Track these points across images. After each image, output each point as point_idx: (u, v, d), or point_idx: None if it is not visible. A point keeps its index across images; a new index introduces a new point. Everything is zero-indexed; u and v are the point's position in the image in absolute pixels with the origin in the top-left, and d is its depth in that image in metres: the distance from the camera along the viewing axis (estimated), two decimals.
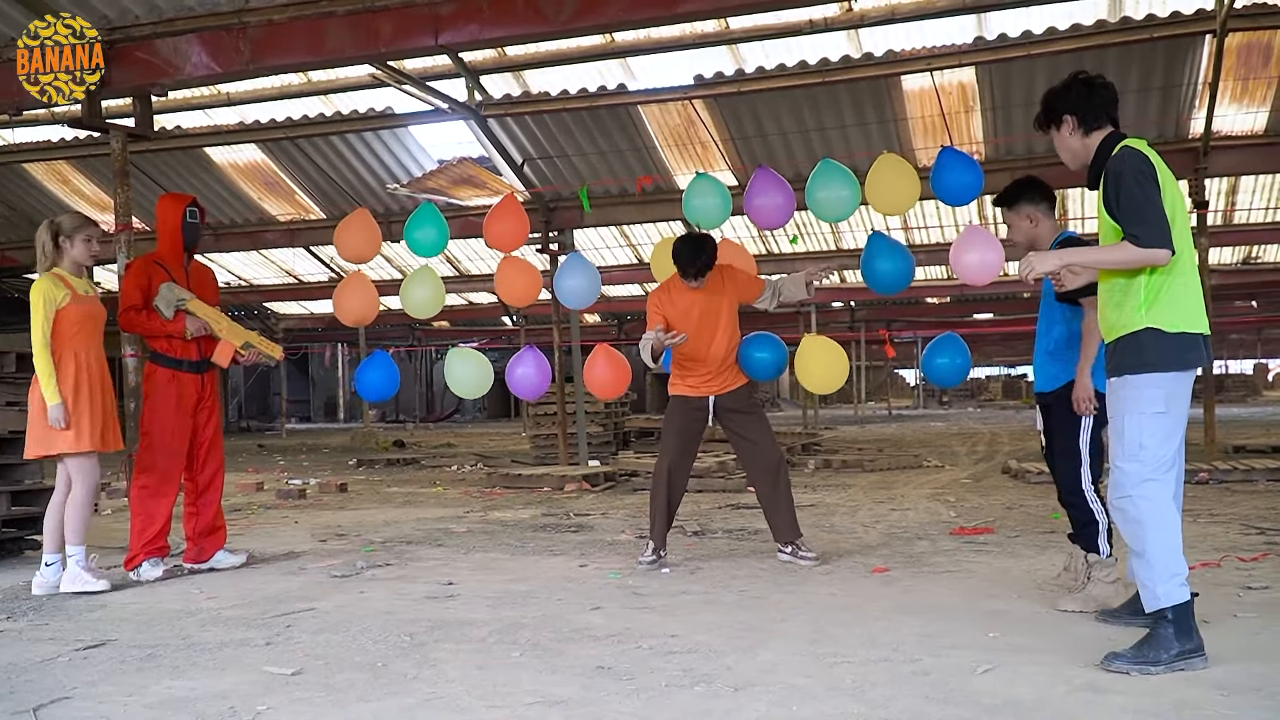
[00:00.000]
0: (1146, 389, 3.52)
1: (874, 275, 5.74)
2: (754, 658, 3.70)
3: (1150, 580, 3.47)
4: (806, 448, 14.10)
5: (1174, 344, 3.51)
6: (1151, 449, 3.51)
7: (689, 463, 5.87)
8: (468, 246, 17.62)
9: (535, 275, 6.56)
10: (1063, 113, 3.79)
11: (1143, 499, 3.50)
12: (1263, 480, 9.06)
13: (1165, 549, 3.47)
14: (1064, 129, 3.81)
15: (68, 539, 5.24)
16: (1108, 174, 3.61)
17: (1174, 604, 3.42)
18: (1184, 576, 3.47)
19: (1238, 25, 9.27)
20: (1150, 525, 3.48)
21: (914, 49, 10.04)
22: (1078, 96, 3.76)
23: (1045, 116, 3.87)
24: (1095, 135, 3.75)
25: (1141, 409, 3.52)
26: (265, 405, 36.11)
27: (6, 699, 3.42)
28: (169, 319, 5.62)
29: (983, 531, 6.65)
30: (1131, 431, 3.54)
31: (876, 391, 45.10)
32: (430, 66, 10.89)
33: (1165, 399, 3.52)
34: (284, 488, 10.34)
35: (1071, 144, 3.82)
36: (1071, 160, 3.88)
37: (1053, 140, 3.90)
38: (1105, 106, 3.75)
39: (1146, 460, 3.51)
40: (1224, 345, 39.28)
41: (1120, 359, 3.60)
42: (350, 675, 3.60)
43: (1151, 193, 3.49)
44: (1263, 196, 14.40)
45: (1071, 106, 3.77)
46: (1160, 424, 3.52)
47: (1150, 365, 3.51)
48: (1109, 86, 3.78)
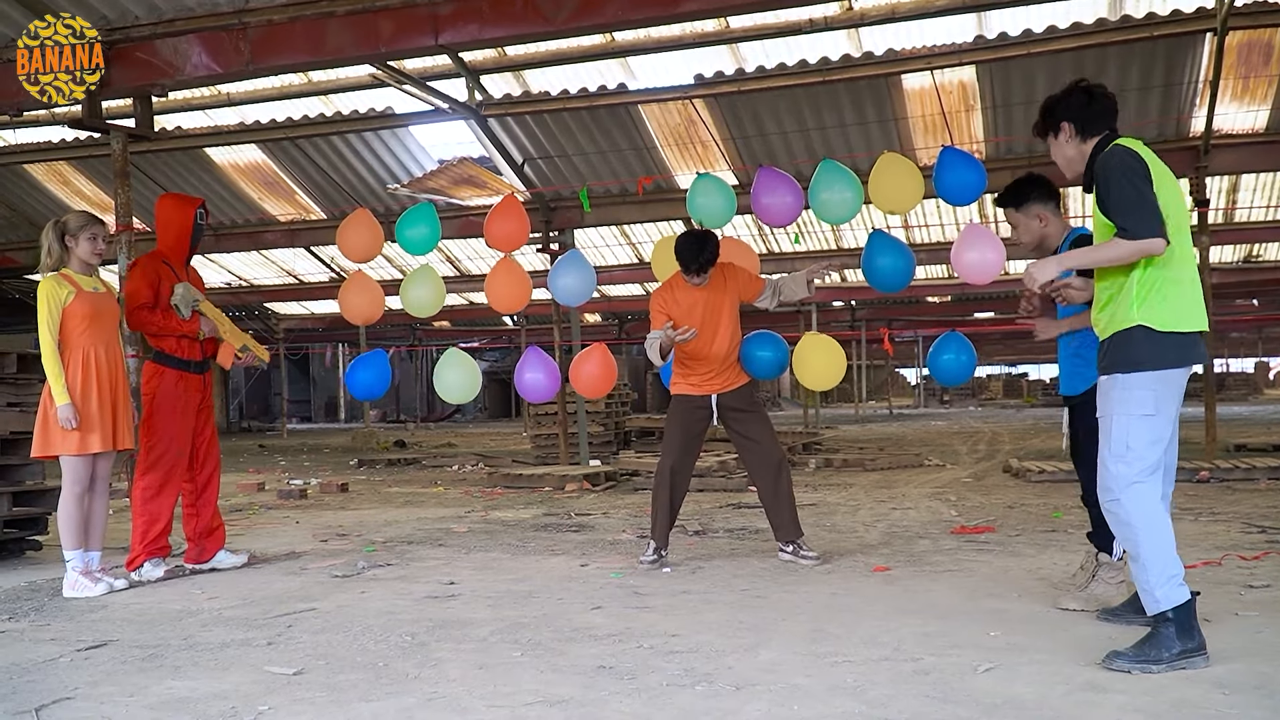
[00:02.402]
0: (1136, 390, 3.52)
1: (875, 272, 5.74)
2: (755, 657, 3.70)
3: (1148, 583, 3.47)
4: (807, 447, 14.10)
5: (1165, 342, 3.50)
6: (1138, 451, 3.51)
7: (692, 462, 5.87)
8: (468, 246, 17.62)
9: (525, 282, 6.56)
10: (1061, 120, 3.79)
11: (1130, 502, 3.50)
12: (1264, 479, 9.05)
13: (1158, 550, 3.46)
14: (1061, 136, 3.81)
15: (62, 543, 5.23)
16: (1097, 172, 3.61)
17: (1174, 605, 3.42)
18: (1181, 576, 3.46)
19: (1238, 23, 9.28)
20: (1140, 527, 3.48)
21: (914, 48, 10.04)
22: (1077, 104, 3.76)
23: (1044, 123, 3.87)
24: (1091, 143, 3.75)
25: (1129, 410, 3.52)
26: (266, 405, 36.14)
27: (8, 699, 3.42)
28: (186, 319, 5.63)
29: (984, 530, 6.65)
30: (1119, 432, 3.54)
31: (877, 391, 45.08)
32: (430, 66, 10.89)
33: (1155, 401, 3.52)
34: (285, 488, 10.35)
35: (1068, 151, 3.82)
36: (1067, 167, 3.88)
37: (1049, 147, 3.90)
38: (1104, 116, 3.75)
39: (1133, 462, 3.51)
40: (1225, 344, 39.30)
41: (1112, 356, 3.60)
42: (351, 675, 3.60)
43: (1140, 185, 3.48)
44: (1263, 195, 14.39)
45: (1070, 114, 3.77)
46: (1148, 426, 3.51)
47: (1140, 363, 3.51)
48: (1109, 96, 3.77)
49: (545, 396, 6.58)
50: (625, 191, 13.17)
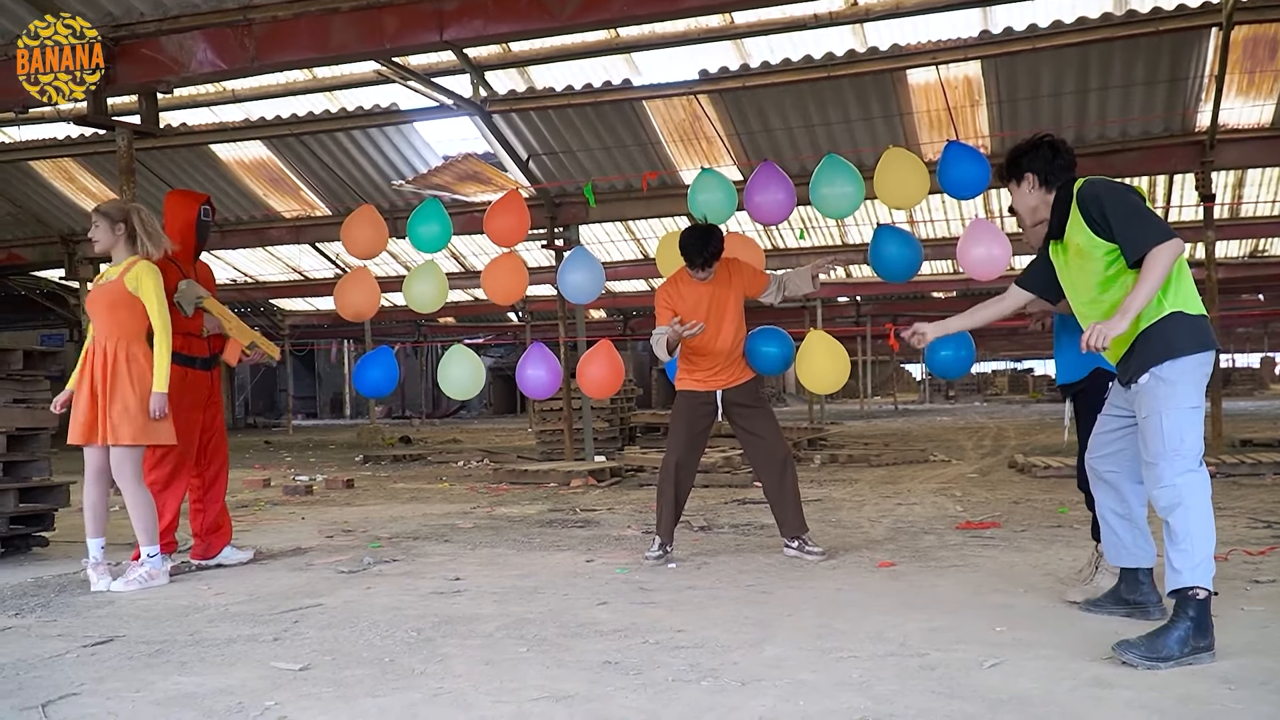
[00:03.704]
0: (1180, 384, 3.56)
1: (882, 262, 5.74)
2: (760, 652, 3.71)
3: (1180, 563, 3.48)
4: (813, 443, 14.10)
5: (1200, 324, 3.62)
6: (1190, 442, 3.56)
7: (697, 457, 5.87)
8: (472, 242, 17.61)
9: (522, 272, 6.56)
10: (1026, 170, 4.05)
11: (1186, 486, 3.52)
12: (1270, 474, 9.04)
13: (1202, 534, 3.49)
14: (1024, 184, 4.07)
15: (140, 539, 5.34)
16: (1083, 202, 3.74)
17: (1201, 584, 3.43)
18: (1212, 567, 3.49)
19: (1244, 18, 9.24)
20: (1194, 507, 3.50)
21: (919, 43, 10.01)
22: (1043, 158, 4.01)
23: (1009, 171, 4.12)
24: (1053, 193, 3.96)
25: (1178, 404, 3.57)
26: (271, 402, 36.19)
27: (15, 695, 3.43)
28: (189, 316, 5.64)
29: (989, 526, 6.64)
30: (1171, 428, 3.56)
31: (883, 386, 45.06)
32: (435, 63, 10.89)
33: (1198, 391, 3.60)
34: (291, 484, 10.37)
35: (1030, 200, 4.08)
36: (1029, 215, 4.14)
37: (1012, 194, 4.13)
38: (1066, 169, 3.99)
39: (1186, 454, 3.55)
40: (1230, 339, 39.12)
41: (1148, 351, 3.61)
42: (357, 670, 3.61)
43: (1134, 199, 3.64)
44: (1269, 189, 14.34)
45: (1035, 166, 4.03)
46: (1195, 418, 3.59)
47: (1183, 349, 3.57)
48: (1070, 152, 4.04)
49: (547, 393, 6.58)
50: (630, 187, 13.17)
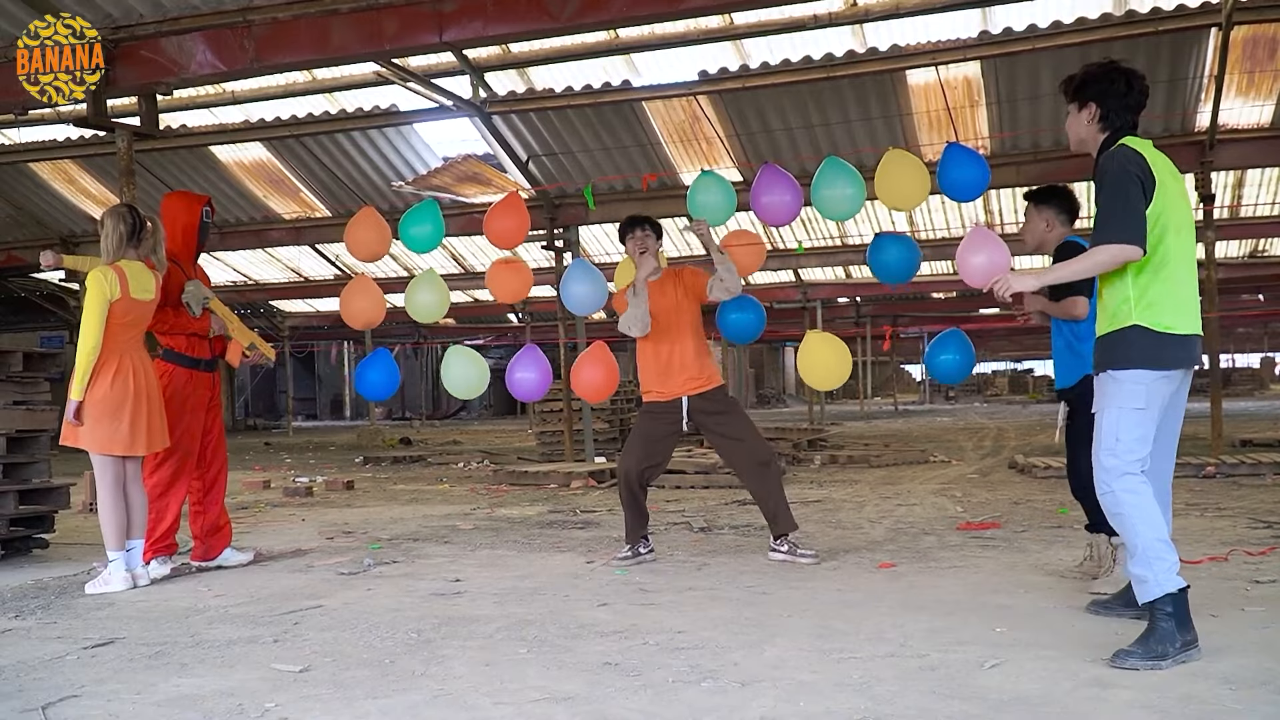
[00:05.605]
0: (1129, 383, 3.56)
1: (880, 266, 5.74)
2: (760, 653, 3.71)
3: (1141, 572, 3.49)
4: (813, 443, 14.09)
5: (1159, 343, 3.55)
6: (1126, 443, 3.55)
7: (658, 463, 5.80)
8: (472, 243, 17.60)
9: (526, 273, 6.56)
10: (1091, 99, 3.78)
11: (1123, 492, 3.54)
12: (1270, 474, 9.04)
13: (1151, 540, 3.49)
14: (1084, 113, 3.81)
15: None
16: (1097, 168, 3.66)
17: (1166, 592, 3.43)
18: (1176, 566, 3.48)
19: (1243, 18, 9.24)
20: (1132, 517, 3.52)
21: (919, 44, 10.01)
22: (1115, 92, 3.73)
23: (1074, 92, 3.84)
24: (1106, 134, 3.77)
25: (1121, 403, 3.57)
26: (272, 403, 36.18)
27: (15, 697, 3.43)
28: (197, 316, 5.64)
29: (989, 526, 6.64)
30: (1109, 425, 3.58)
31: (882, 387, 45.04)
32: (435, 64, 10.88)
33: (1146, 395, 3.56)
34: (291, 485, 10.37)
35: (1082, 130, 3.84)
36: (1076, 144, 3.92)
37: (1067, 112, 3.89)
38: (1134, 109, 3.75)
39: (1121, 454, 3.55)
40: (1230, 339, 39.14)
41: (1107, 354, 3.64)
42: (358, 672, 3.61)
43: (1129, 192, 3.51)
44: (1269, 190, 14.33)
45: (1103, 98, 3.75)
46: (1138, 420, 3.56)
47: (1135, 361, 3.56)
48: (1145, 91, 3.76)
49: (536, 396, 6.56)
50: (630, 188, 13.16)
